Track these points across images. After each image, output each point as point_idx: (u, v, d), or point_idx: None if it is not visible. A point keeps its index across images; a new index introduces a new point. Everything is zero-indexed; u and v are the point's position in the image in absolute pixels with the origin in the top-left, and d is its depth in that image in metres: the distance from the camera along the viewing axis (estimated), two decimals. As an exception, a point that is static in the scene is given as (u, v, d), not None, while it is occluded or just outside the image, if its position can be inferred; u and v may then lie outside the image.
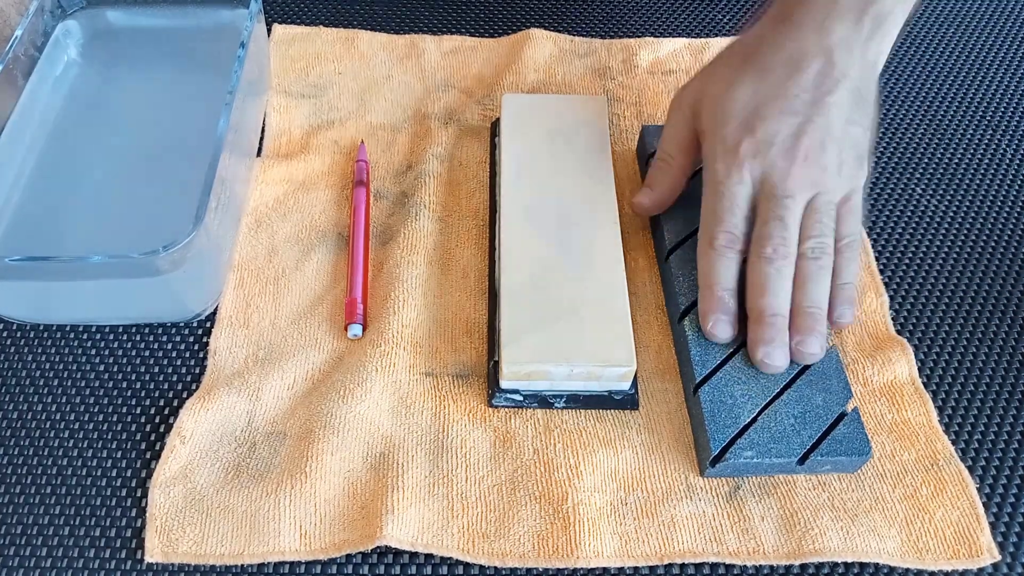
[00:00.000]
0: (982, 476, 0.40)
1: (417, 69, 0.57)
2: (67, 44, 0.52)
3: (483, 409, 0.41)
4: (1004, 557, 0.38)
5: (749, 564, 0.37)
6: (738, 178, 0.40)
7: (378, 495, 0.38)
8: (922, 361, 0.44)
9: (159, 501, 0.37)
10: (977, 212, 0.51)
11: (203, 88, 0.50)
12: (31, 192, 0.45)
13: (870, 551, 0.37)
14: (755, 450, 0.37)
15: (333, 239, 0.47)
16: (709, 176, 0.42)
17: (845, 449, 0.38)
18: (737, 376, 0.40)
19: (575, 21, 0.61)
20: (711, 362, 0.40)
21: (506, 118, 0.49)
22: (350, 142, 0.52)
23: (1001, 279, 0.48)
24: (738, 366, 0.40)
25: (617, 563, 0.37)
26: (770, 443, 0.38)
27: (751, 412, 0.39)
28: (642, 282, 0.46)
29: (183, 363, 0.43)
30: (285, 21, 0.60)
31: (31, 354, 0.43)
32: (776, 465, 0.38)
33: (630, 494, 0.39)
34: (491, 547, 0.37)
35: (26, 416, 0.41)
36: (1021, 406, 0.43)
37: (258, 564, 0.37)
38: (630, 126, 0.54)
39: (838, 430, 0.38)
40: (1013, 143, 0.55)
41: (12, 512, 0.38)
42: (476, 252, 0.47)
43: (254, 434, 0.40)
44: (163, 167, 0.46)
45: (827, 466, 0.38)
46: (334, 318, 0.44)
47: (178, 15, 0.53)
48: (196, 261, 0.39)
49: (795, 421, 0.38)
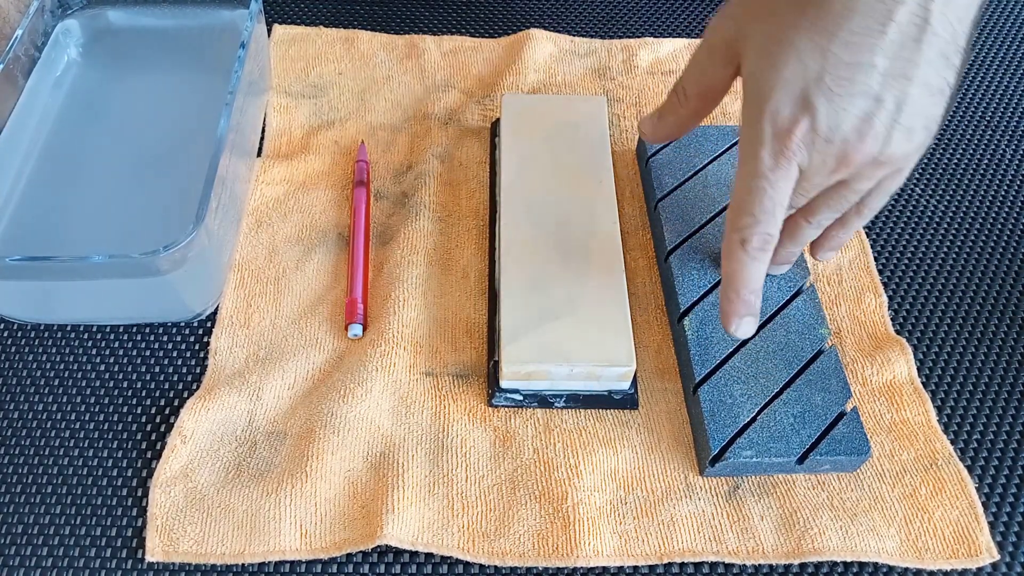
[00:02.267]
0: (981, 476, 0.40)
1: (417, 69, 0.57)
2: (67, 44, 0.52)
3: (483, 409, 0.41)
4: (1003, 556, 0.38)
5: (748, 563, 0.37)
6: (785, 172, 0.33)
7: (378, 494, 0.38)
8: (921, 361, 0.44)
9: (160, 500, 0.38)
10: (976, 212, 0.51)
11: (203, 88, 0.50)
12: (31, 192, 0.45)
13: (869, 550, 0.37)
14: (754, 449, 0.37)
15: (333, 239, 0.48)
16: (749, 158, 0.34)
17: (844, 449, 0.38)
18: (736, 376, 0.40)
19: (575, 21, 0.61)
20: (710, 362, 0.40)
21: (506, 118, 0.49)
22: (350, 142, 0.52)
23: (1000, 279, 0.48)
24: (737, 366, 0.40)
25: (617, 562, 0.37)
26: (769, 442, 0.38)
27: (750, 411, 0.39)
28: (642, 282, 0.46)
29: (184, 363, 0.43)
30: (285, 21, 0.60)
31: (32, 354, 0.43)
32: (775, 464, 0.38)
33: (630, 493, 0.39)
34: (491, 546, 0.37)
35: (27, 416, 0.41)
36: (1020, 406, 0.43)
37: (259, 563, 0.37)
38: (630, 126, 0.54)
39: (837, 430, 0.38)
40: (1013, 143, 0.55)
41: (13, 511, 0.38)
42: (476, 252, 0.47)
43: (255, 434, 0.40)
44: (164, 167, 0.46)
45: (826, 465, 0.38)
46: (334, 318, 0.44)
47: (178, 15, 0.53)
48: (197, 261, 0.39)
49: (794, 420, 0.38)
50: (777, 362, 0.40)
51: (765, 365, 0.40)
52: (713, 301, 0.43)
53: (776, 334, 0.41)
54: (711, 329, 0.42)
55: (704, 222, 0.46)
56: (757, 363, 0.40)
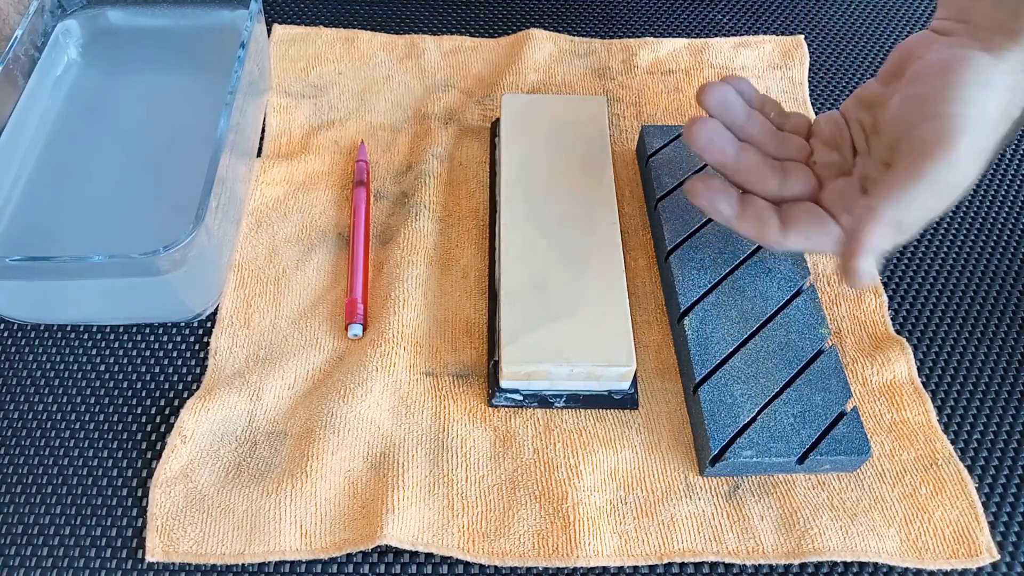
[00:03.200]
0: (981, 476, 0.40)
1: (417, 69, 0.57)
2: (67, 44, 0.52)
3: (483, 409, 0.41)
4: (1003, 556, 0.38)
5: (748, 563, 0.37)
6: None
7: (378, 494, 0.38)
8: (921, 361, 0.44)
9: (160, 500, 0.38)
10: (977, 212, 0.51)
11: (203, 88, 0.50)
12: (31, 192, 0.45)
13: (869, 550, 0.37)
14: (754, 449, 0.37)
15: (333, 239, 0.48)
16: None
17: (844, 449, 0.38)
18: (737, 375, 0.40)
19: (575, 21, 0.61)
20: (710, 362, 0.40)
21: (506, 118, 0.49)
22: (350, 142, 0.52)
23: (1001, 279, 0.48)
24: (737, 366, 0.40)
25: (617, 562, 0.37)
26: (770, 442, 0.38)
27: (751, 411, 0.39)
28: (642, 282, 0.46)
29: (184, 363, 0.43)
30: (285, 21, 0.60)
31: (32, 354, 0.43)
32: (775, 464, 0.38)
33: (630, 493, 0.39)
34: (491, 546, 0.37)
35: (27, 416, 0.41)
36: (1020, 406, 0.43)
37: (259, 563, 0.37)
38: (630, 126, 0.54)
39: (837, 430, 0.38)
40: (1013, 143, 0.55)
41: (13, 512, 0.38)
42: (476, 252, 0.47)
43: (255, 434, 0.40)
44: (164, 167, 0.46)
45: (826, 465, 0.38)
46: (334, 318, 0.44)
47: (178, 15, 0.53)
48: (197, 261, 0.39)
49: (794, 420, 0.38)
50: (777, 362, 0.40)
51: (765, 365, 0.40)
52: (713, 301, 0.43)
53: (776, 334, 0.41)
54: (711, 329, 0.42)
55: (704, 221, 0.46)
56: (757, 363, 0.40)
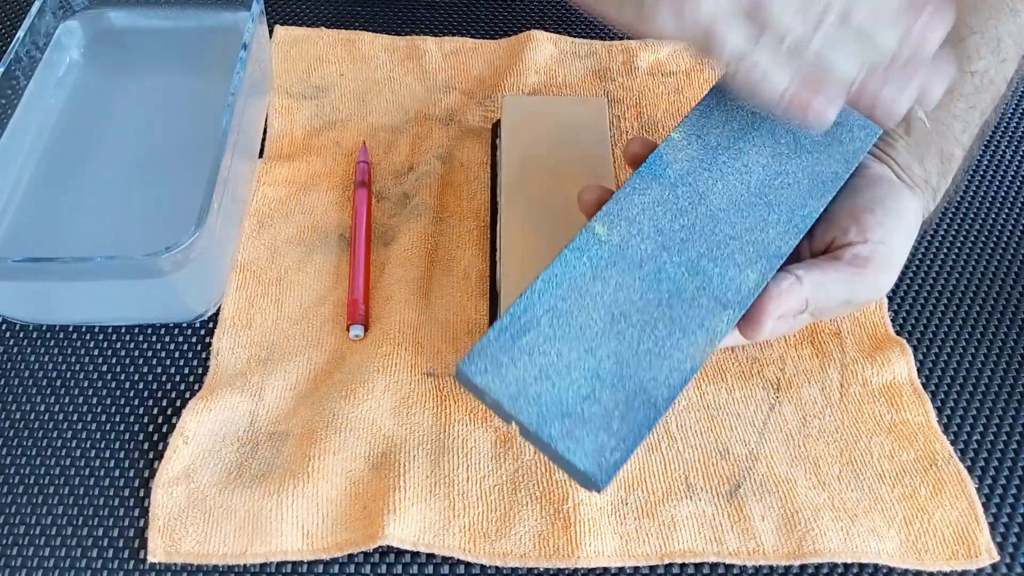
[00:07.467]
0: (981, 476, 0.40)
1: (418, 71, 0.57)
2: (69, 45, 0.52)
3: (484, 409, 0.41)
4: (1003, 557, 0.38)
5: (749, 564, 0.37)
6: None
7: (380, 495, 0.38)
8: (921, 362, 0.44)
9: (162, 501, 0.38)
10: (976, 212, 0.51)
11: (205, 89, 0.50)
12: (33, 193, 0.45)
13: (869, 551, 0.37)
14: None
15: (335, 240, 0.48)
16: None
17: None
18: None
19: (576, 23, 0.61)
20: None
21: (507, 119, 0.49)
22: (352, 143, 0.52)
23: (1000, 279, 0.48)
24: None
25: (617, 563, 0.37)
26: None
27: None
28: (642, 283, 0.46)
29: (186, 363, 0.43)
30: (287, 23, 0.60)
31: (34, 355, 0.43)
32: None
33: (630, 494, 0.39)
34: (492, 547, 0.37)
35: (29, 416, 0.41)
36: (1020, 406, 0.43)
37: (260, 564, 0.37)
38: (630, 128, 0.54)
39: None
40: (1013, 143, 0.55)
41: (15, 512, 0.38)
42: (477, 253, 0.47)
43: (256, 434, 0.40)
44: (165, 168, 0.46)
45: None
46: (336, 318, 0.44)
47: (180, 16, 0.53)
48: (199, 262, 0.39)
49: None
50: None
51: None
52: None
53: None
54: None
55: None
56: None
